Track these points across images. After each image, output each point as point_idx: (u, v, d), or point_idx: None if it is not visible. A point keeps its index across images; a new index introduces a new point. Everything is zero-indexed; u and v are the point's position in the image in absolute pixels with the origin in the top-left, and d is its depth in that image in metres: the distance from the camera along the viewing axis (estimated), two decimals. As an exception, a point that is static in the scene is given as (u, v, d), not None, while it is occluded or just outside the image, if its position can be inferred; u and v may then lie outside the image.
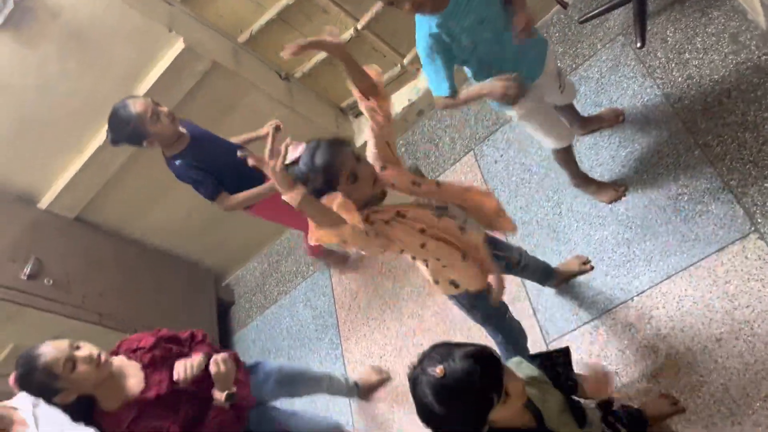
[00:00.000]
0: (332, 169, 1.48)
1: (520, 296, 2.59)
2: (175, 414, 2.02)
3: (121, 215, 3.43)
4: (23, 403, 2.18)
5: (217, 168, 2.45)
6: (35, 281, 2.96)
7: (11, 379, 1.93)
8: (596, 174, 2.56)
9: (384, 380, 2.91)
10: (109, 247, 3.39)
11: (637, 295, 2.27)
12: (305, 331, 3.44)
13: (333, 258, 3.36)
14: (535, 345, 2.45)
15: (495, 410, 1.26)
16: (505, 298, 2.62)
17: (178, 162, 2.44)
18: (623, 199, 2.44)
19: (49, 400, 1.90)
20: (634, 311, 2.26)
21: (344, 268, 3.37)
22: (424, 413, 1.28)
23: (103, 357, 1.95)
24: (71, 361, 1.88)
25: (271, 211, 2.67)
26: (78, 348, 1.92)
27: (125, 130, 2.32)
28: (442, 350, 1.29)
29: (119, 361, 2.07)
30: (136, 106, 2.29)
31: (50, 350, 1.88)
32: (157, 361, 2.09)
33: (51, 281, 3.00)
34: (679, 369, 2.07)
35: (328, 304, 3.40)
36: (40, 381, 1.87)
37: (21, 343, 3.10)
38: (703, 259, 2.17)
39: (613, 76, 2.68)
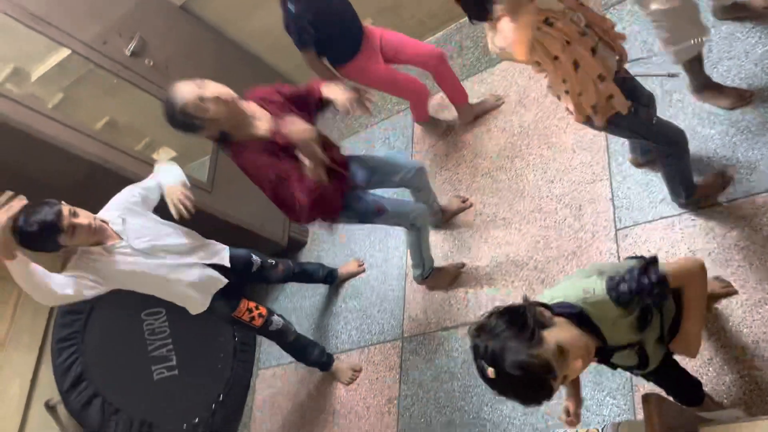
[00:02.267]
0: None
1: (602, 177, 2.52)
2: (296, 163, 2.19)
3: (225, 14, 3.44)
4: (113, 216, 2.37)
5: (322, 21, 2.68)
6: (137, 59, 3.07)
7: None
8: (723, 68, 2.35)
9: (464, 208, 2.96)
10: (210, 42, 3.45)
11: (727, 202, 2.16)
12: (378, 167, 3.49)
13: (434, 125, 3.29)
14: (604, 231, 2.42)
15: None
16: (586, 178, 2.59)
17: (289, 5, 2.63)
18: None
19: (194, 133, 2.19)
20: (719, 217, 2.17)
21: (441, 135, 3.30)
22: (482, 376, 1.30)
23: (229, 96, 2.15)
24: (202, 102, 2.10)
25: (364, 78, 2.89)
26: (205, 88, 2.12)
27: None
28: (491, 344, 1.25)
29: (251, 105, 2.26)
30: None
31: (181, 96, 2.11)
32: (284, 107, 2.28)
33: (151, 62, 3.10)
34: (747, 281, 2.02)
35: (405, 146, 3.41)
36: (182, 122, 2.14)
37: (116, 117, 3.30)
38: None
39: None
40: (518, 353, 1.21)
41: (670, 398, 1.69)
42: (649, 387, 1.87)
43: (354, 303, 3.22)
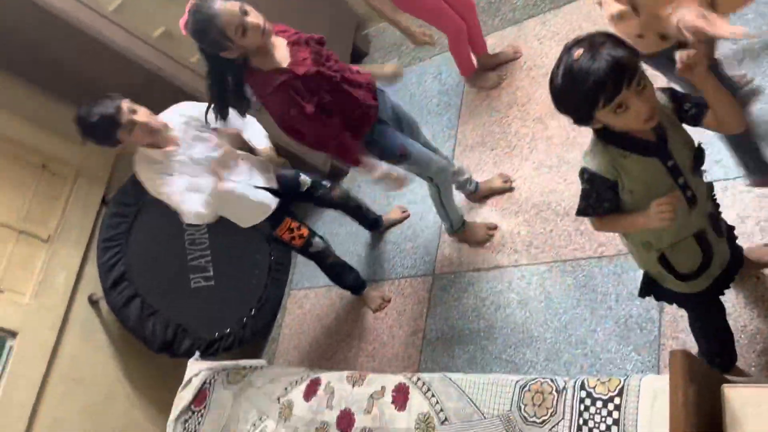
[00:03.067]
0: None
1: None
2: (313, 96, 2.17)
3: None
4: (176, 122, 2.40)
5: None
6: (197, -31, 3.04)
7: (182, 23, 2.09)
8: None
9: (506, 190, 2.87)
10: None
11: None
12: (427, 103, 3.45)
13: (483, 77, 3.21)
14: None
15: (608, 115, 1.33)
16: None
17: None
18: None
19: (215, 51, 2.09)
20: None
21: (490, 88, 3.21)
22: (551, 77, 1.37)
23: (268, 27, 2.09)
24: (242, 27, 2.02)
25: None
26: (247, 14, 2.04)
27: None
28: (600, 40, 1.31)
29: (280, 39, 2.21)
30: None
31: (225, 13, 2.00)
32: (301, 43, 2.22)
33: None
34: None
35: (458, 83, 3.35)
36: (213, 39, 2.04)
37: (171, 28, 3.29)
38: None
39: None
40: (617, 49, 1.28)
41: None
42: (678, 346, 1.87)
43: (389, 236, 3.25)
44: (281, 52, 2.20)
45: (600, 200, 1.51)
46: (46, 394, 2.84)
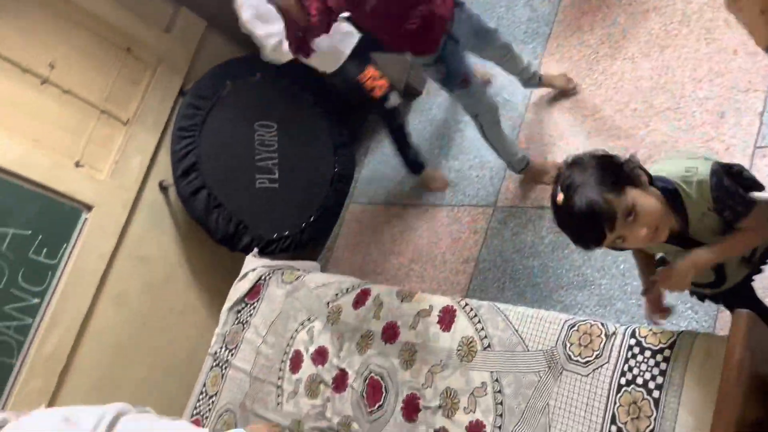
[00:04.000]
0: None
1: (759, 88, 2.28)
2: None
3: None
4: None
5: None
6: None
7: None
8: None
9: (569, 90, 2.83)
10: None
11: None
12: (514, 30, 3.29)
13: None
14: (741, 145, 2.23)
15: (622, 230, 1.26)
16: (740, 85, 2.35)
17: None
18: None
19: None
20: None
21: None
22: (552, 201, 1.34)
23: None
24: None
25: None
26: None
27: None
28: (575, 176, 1.27)
29: None
30: None
31: None
32: None
33: None
34: None
35: (550, 11, 3.18)
36: None
37: None
38: None
39: None
40: (592, 191, 1.23)
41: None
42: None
43: (454, 162, 3.22)
44: None
45: None
46: (113, 267, 3.02)
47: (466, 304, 2.04)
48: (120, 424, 1.39)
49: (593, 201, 1.22)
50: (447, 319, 2.04)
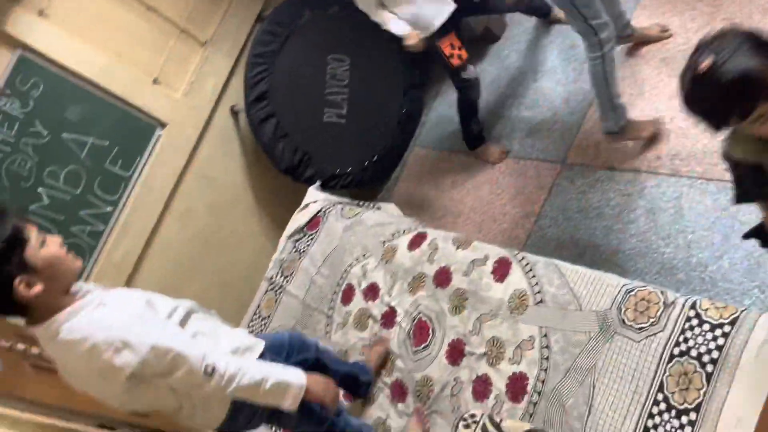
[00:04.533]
0: None
1: None
2: None
3: None
4: None
5: None
6: None
7: None
8: None
9: (664, 38, 2.71)
10: None
11: None
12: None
13: None
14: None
15: (746, 125, 1.19)
16: None
17: None
18: None
19: None
20: None
21: None
22: (681, 78, 1.26)
23: None
24: None
25: None
26: None
27: None
28: (725, 44, 1.17)
29: None
30: None
31: None
32: None
33: None
34: None
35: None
36: None
37: None
38: None
39: None
40: (748, 58, 1.15)
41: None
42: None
43: (527, 113, 3.14)
44: None
45: (757, 184, 1.36)
46: (181, 184, 3.13)
47: (523, 258, 2.02)
48: (191, 321, 1.61)
49: (751, 67, 1.14)
50: (501, 270, 2.04)
